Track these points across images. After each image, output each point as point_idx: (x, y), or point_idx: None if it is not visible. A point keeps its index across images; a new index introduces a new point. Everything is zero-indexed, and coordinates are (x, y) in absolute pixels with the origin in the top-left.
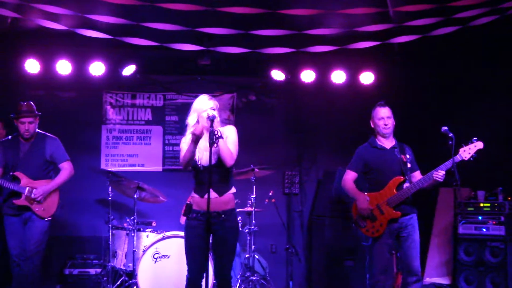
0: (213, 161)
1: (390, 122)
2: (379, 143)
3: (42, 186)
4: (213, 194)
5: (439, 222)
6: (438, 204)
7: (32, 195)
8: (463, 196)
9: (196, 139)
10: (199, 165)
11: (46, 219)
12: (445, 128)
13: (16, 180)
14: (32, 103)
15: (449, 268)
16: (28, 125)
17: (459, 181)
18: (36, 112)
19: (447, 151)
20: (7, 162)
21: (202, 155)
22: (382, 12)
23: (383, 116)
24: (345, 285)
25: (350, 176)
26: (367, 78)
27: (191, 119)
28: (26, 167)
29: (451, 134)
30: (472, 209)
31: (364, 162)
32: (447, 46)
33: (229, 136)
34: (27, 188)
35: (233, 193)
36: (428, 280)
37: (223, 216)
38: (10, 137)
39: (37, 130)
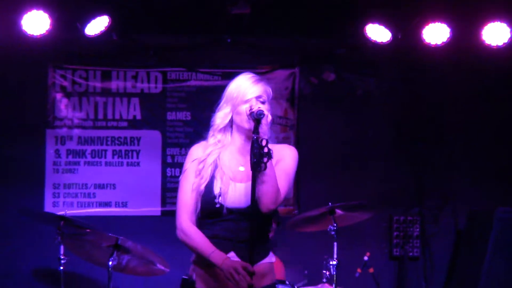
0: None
1: None
2: None
3: None
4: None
5: None
6: None
7: None
8: None
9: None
10: (221, 205)
11: None
12: None
13: None
14: None
15: None
16: None
17: None
18: None
19: None
20: None
21: (231, 187)
22: None
23: None
24: None
25: None
26: None
27: (220, 116)
28: None
29: None
30: None
31: None
32: None
33: (284, 160)
34: None
35: (272, 262)
36: None
37: None
38: None
39: None
